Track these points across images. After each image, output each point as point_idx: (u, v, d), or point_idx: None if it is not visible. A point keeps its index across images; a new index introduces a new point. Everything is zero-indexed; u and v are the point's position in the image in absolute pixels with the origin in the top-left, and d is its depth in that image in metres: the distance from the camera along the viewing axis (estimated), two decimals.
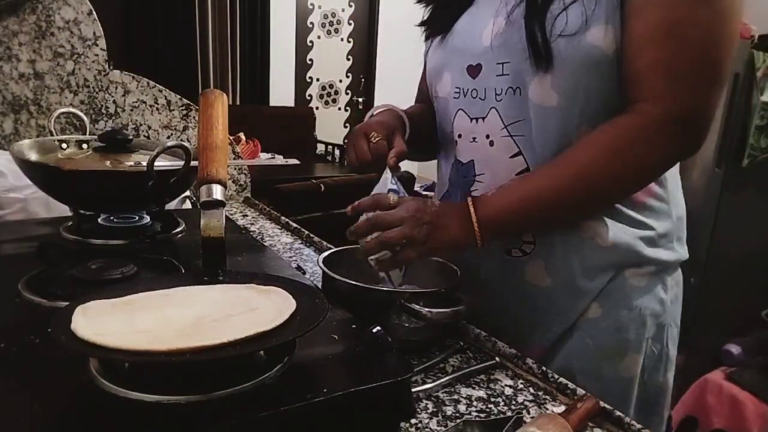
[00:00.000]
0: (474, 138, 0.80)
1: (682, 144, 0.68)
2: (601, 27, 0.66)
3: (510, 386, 0.67)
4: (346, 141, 0.83)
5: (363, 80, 5.37)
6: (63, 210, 0.96)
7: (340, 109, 5.35)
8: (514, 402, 0.63)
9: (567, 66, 0.68)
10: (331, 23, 5.03)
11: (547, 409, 0.62)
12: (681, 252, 0.81)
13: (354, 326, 0.59)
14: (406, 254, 0.70)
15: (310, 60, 4.99)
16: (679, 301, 0.84)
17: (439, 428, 0.57)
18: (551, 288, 0.78)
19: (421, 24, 0.89)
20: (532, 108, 0.73)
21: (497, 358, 0.71)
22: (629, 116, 0.67)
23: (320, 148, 4.46)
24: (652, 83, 0.65)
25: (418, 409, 0.60)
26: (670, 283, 0.80)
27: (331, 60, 5.14)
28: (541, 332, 0.81)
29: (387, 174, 0.77)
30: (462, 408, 0.61)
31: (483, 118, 0.78)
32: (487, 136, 0.78)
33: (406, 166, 1.03)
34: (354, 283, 0.72)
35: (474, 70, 0.78)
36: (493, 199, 0.71)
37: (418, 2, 0.89)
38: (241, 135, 3.37)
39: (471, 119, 0.80)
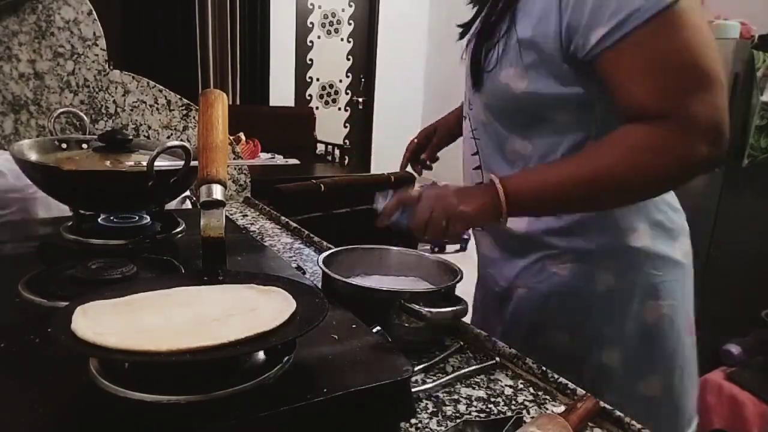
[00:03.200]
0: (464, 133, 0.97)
1: (708, 147, 0.69)
2: (510, 69, 0.78)
3: (510, 386, 0.67)
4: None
5: (363, 80, 5.37)
6: (63, 210, 0.96)
7: (340, 109, 5.35)
8: (514, 402, 0.63)
9: (489, 93, 0.83)
10: (331, 23, 5.03)
11: (547, 409, 0.62)
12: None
13: (354, 326, 0.59)
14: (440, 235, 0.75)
15: (310, 60, 4.99)
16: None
17: (439, 428, 0.57)
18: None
19: (461, 26, 0.96)
20: (478, 119, 0.89)
21: (497, 358, 0.71)
22: (640, 125, 0.71)
23: (320, 148, 4.46)
24: (659, 104, 0.69)
25: (418, 409, 0.60)
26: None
27: (331, 60, 5.14)
28: None
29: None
30: (462, 408, 0.61)
31: (465, 118, 0.95)
32: (469, 133, 0.94)
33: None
34: (354, 283, 0.72)
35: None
36: (516, 177, 0.78)
37: (470, 3, 0.94)
38: (241, 135, 3.37)
39: (463, 117, 0.96)
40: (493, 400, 0.63)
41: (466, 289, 0.80)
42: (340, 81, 5.27)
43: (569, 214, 0.83)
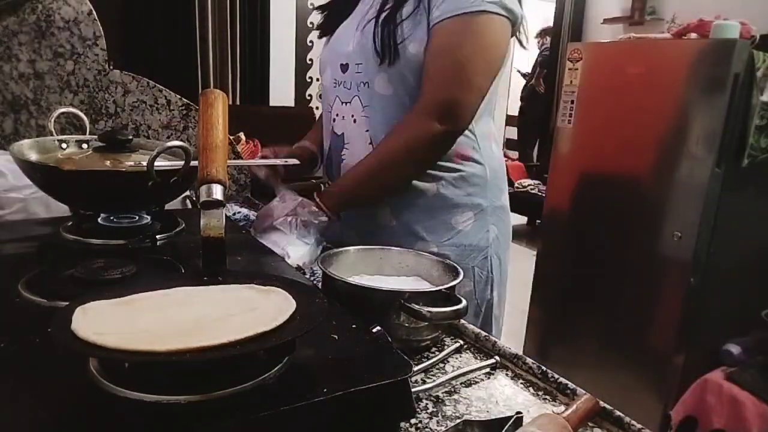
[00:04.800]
0: (343, 117, 1.07)
1: (442, 123, 0.93)
2: (417, 41, 0.94)
3: (510, 386, 0.67)
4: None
5: None
6: (63, 210, 0.96)
7: None
8: (514, 402, 0.63)
9: (397, 66, 0.96)
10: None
11: (547, 409, 0.62)
12: (500, 199, 1.10)
13: (354, 326, 0.59)
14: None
15: (310, 60, 4.99)
16: (505, 237, 1.12)
17: (439, 428, 0.57)
18: (396, 228, 1.05)
19: (316, 28, 1.19)
20: (376, 96, 1.00)
21: (497, 358, 0.71)
22: (409, 113, 0.96)
23: None
24: (423, 88, 0.95)
25: (418, 409, 0.60)
26: (492, 221, 1.07)
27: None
28: None
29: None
30: (462, 408, 0.61)
31: (349, 103, 1.05)
32: (352, 116, 1.05)
33: None
34: (354, 283, 0.72)
35: (344, 67, 1.05)
36: (332, 187, 1.03)
37: (316, 9, 1.20)
38: (241, 135, 3.36)
39: (342, 102, 1.07)
40: (493, 400, 0.63)
41: None
42: None
43: (378, 201, 1.04)
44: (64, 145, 0.94)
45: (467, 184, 1.04)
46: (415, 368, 0.66)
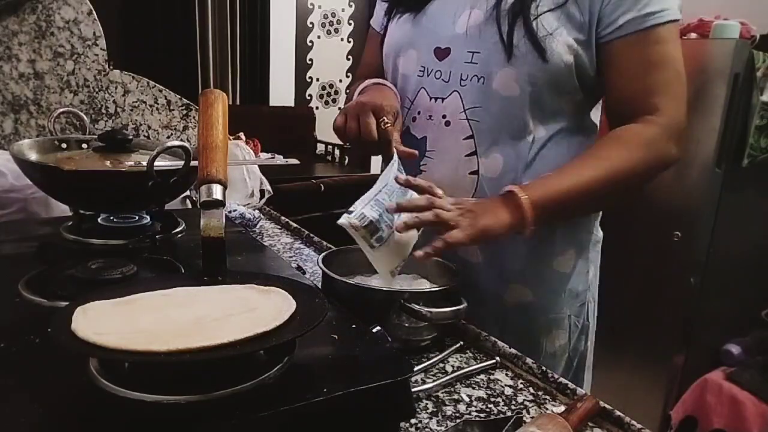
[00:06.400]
0: (430, 116, 0.84)
1: (678, 149, 0.79)
2: (562, 40, 0.77)
3: (510, 386, 0.67)
4: (342, 108, 0.81)
5: None
6: (63, 210, 0.96)
7: (340, 109, 5.34)
8: (514, 402, 0.63)
9: (530, 64, 0.77)
10: (331, 23, 5.03)
11: (547, 409, 0.62)
12: (599, 230, 0.94)
13: (354, 326, 0.59)
14: (453, 236, 0.68)
15: (310, 60, 4.99)
16: (597, 275, 0.95)
17: (439, 428, 0.57)
18: (482, 267, 0.87)
19: (392, 3, 0.92)
20: (493, 96, 0.80)
21: (497, 358, 0.71)
22: (643, 125, 0.77)
23: (320, 148, 4.46)
24: (657, 99, 0.77)
25: (418, 409, 0.60)
26: (592, 259, 0.92)
27: (331, 60, 5.14)
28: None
29: (395, 160, 0.76)
30: (462, 408, 0.61)
31: (443, 99, 0.83)
32: (444, 117, 0.83)
33: None
34: (354, 283, 0.72)
35: (442, 53, 0.83)
36: (536, 186, 0.75)
37: None
38: (241, 135, 3.37)
39: (431, 98, 0.84)
40: (493, 400, 0.63)
41: None
42: (340, 81, 5.26)
43: (581, 216, 0.86)
44: (64, 145, 0.94)
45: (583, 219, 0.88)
46: (415, 368, 0.66)
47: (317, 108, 4.96)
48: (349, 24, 5.15)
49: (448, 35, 0.82)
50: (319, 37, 4.99)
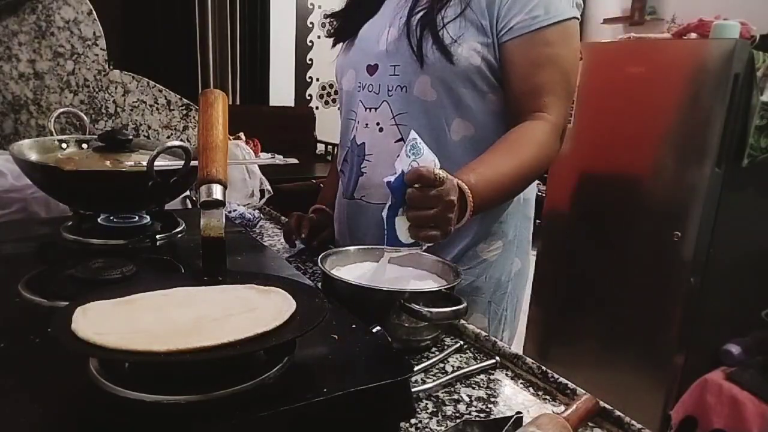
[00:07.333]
0: (367, 124, 0.95)
1: (560, 146, 0.89)
2: (467, 45, 0.85)
3: (510, 386, 0.67)
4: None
5: None
6: (63, 210, 0.96)
7: (339, 109, 5.34)
8: (514, 402, 0.63)
9: (440, 69, 0.86)
10: (331, 23, 5.03)
11: (547, 409, 0.62)
12: (529, 231, 1.03)
13: (354, 326, 0.59)
14: (431, 236, 0.68)
15: (310, 60, 4.99)
16: (525, 274, 1.04)
17: (439, 428, 0.57)
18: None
19: (332, 35, 1.08)
20: (415, 102, 0.89)
21: (497, 358, 0.71)
22: (539, 122, 0.85)
23: (320, 148, 4.46)
24: (546, 99, 0.85)
25: (418, 409, 0.60)
26: (518, 254, 1.00)
27: (331, 60, 5.14)
28: None
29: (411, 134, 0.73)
30: (462, 408, 0.61)
31: (376, 109, 0.94)
32: (377, 124, 0.94)
33: None
34: (354, 283, 0.72)
35: (372, 69, 0.94)
36: (476, 176, 0.77)
37: (326, 17, 1.09)
38: (241, 135, 3.37)
39: (366, 109, 0.95)
40: (493, 400, 0.63)
41: None
42: None
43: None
44: (64, 145, 0.94)
45: (499, 210, 0.95)
46: (415, 368, 0.66)
47: (317, 108, 4.97)
48: None
49: (375, 53, 0.93)
50: (319, 37, 4.99)
